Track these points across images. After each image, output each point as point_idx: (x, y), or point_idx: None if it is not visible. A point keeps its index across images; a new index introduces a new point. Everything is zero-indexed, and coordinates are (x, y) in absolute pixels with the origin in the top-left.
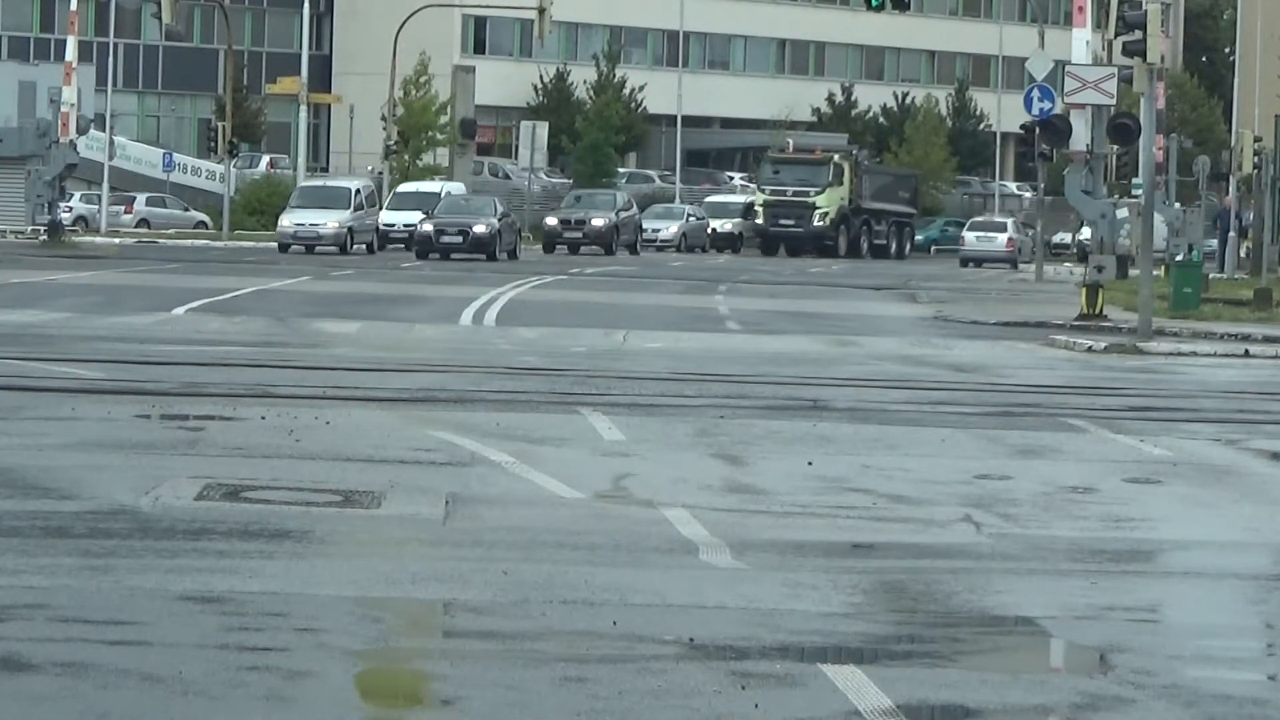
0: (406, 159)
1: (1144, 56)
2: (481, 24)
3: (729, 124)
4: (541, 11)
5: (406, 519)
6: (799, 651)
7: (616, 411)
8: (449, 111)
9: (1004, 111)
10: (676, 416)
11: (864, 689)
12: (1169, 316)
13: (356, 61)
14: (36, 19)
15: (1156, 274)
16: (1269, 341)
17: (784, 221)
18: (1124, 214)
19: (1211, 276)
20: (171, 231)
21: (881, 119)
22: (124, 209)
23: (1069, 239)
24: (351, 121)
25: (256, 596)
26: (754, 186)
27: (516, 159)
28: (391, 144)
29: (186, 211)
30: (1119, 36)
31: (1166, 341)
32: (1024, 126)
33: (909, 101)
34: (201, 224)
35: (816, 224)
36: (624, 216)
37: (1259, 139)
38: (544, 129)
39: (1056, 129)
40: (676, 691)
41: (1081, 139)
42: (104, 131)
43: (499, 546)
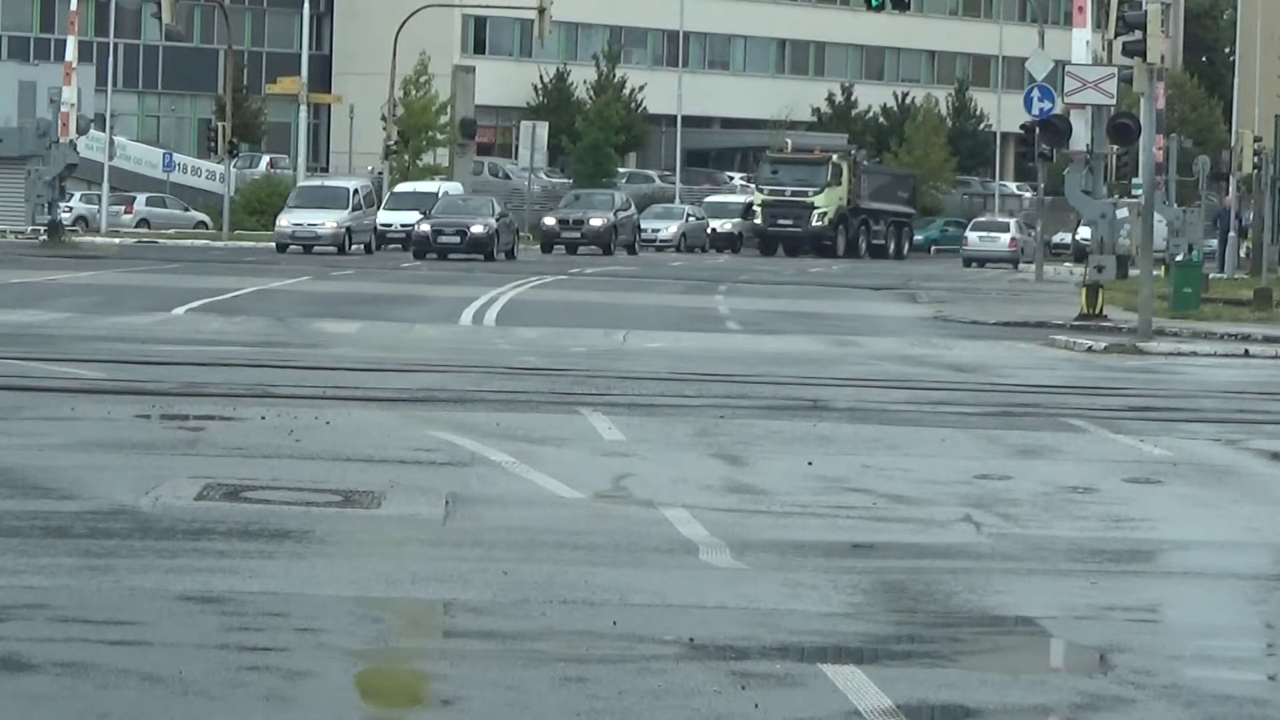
0: (406, 159)
1: (1144, 56)
2: (481, 24)
3: (729, 124)
4: (541, 11)
5: (406, 519)
6: (799, 651)
7: (616, 411)
8: (449, 111)
9: (1004, 111)
10: (676, 416)
11: (864, 689)
12: (1169, 316)
13: (356, 61)
14: (36, 19)
15: (1156, 274)
16: (1269, 341)
17: (782, 221)
18: (1124, 214)
19: (1211, 276)
20: (171, 231)
21: (881, 119)
22: (124, 209)
23: (1069, 239)
24: (351, 121)
25: (256, 596)
26: (753, 186)
27: (516, 159)
28: (391, 144)
29: (186, 211)
30: (1119, 36)
31: (1166, 341)
32: (1024, 126)
33: (909, 101)
34: (201, 224)
35: (815, 224)
36: (622, 216)
37: (1259, 139)
38: (544, 129)
39: (1056, 129)
40: (676, 691)
41: (1081, 139)
42: (104, 131)
43: (499, 546)
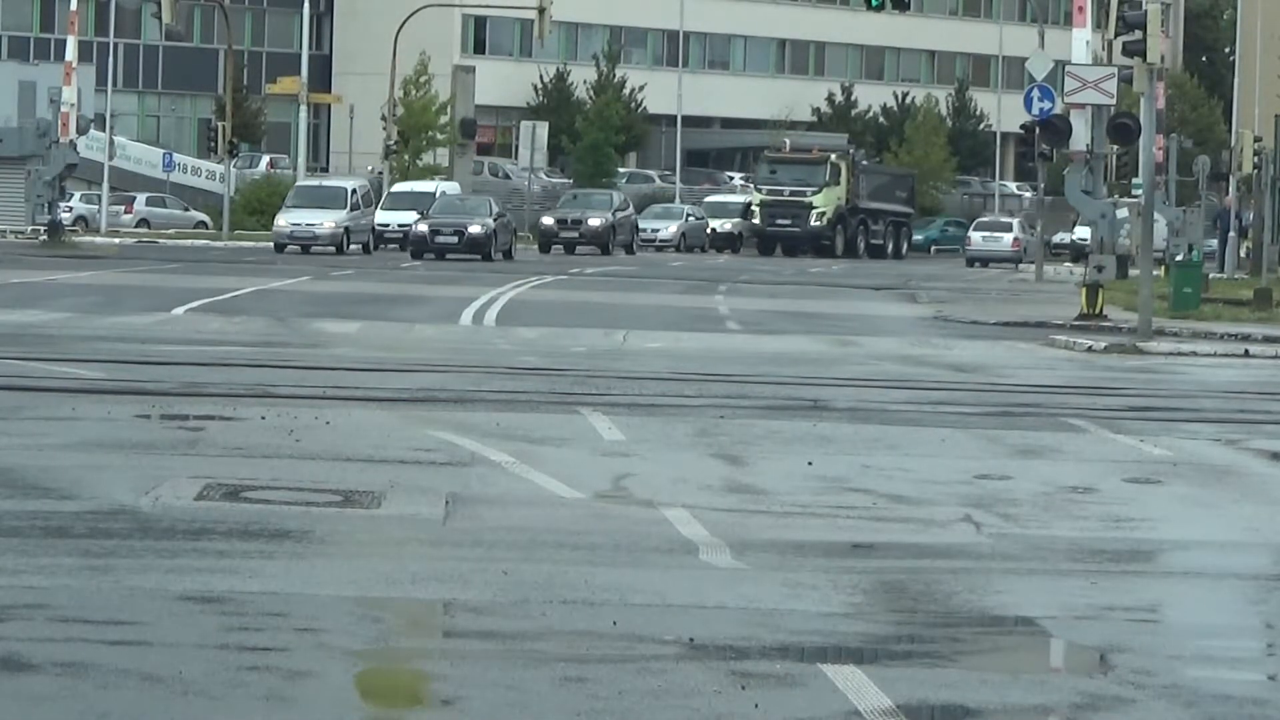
0: (406, 159)
1: (1144, 56)
2: (481, 24)
3: (729, 124)
4: (541, 11)
5: (406, 519)
6: (799, 651)
7: (616, 411)
8: (449, 111)
9: (1004, 111)
10: (676, 416)
11: (864, 689)
12: (1169, 316)
13: (356, 61)
14: (36, 19)
15: (1156, 274)
16: (1269, 341)
17: (781, 221)
18: (1124, 214)
19: (1211, 276)
20: (171, 231)
21: (881, 119)
22: (124, 209)
23: (1069, 239)
24: (351, 121)
25: (256, 596)
26: (752, 186)
27: (516, 159)
28: (391, 144)
29: (186, 211)
30: (1119, 36)
31: (1166, 341)
32: (1024, 126)
33: (909, 101)
34: (201, 224)
35: (813, 224)
36: (620, 216)
37: (1259, 139)
38: (544, 129)
39: (1056, 129)
40: (676, 691)
41: (1081, 139)
42: (104, 131)
43: (499, 546)
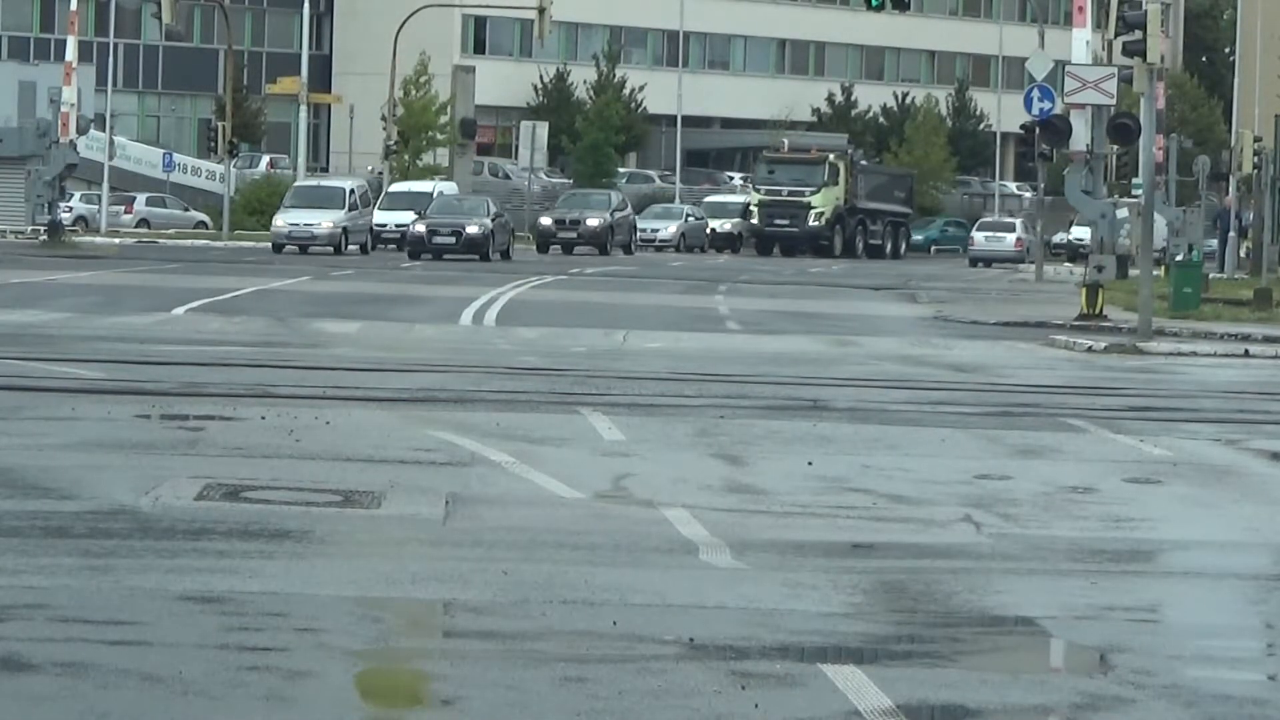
0: (406, 159)
1: (1144, 56)
2: (481, 24)
3: (729, 124)
4: (541, 11)
5: (406, 519)
6: (799, 651)
7: (616, 411)
8: (449, 111)
9: (1004, 111)
10: (676, 416)
11: (864, 689)
12: (1169, 316)
13: (356, 61)
14: (36, 19)
15: (1156, 274)
16: (1269, 341)
17: (779, 221)
18: (1124, 214)
19: (1211, 276)
20: (171, 231)
21: (881, 119)
22: (124, 209)
23: (1065, 239)
24: (351, 121)
25: (256, 596)
26: (750, 186)
27: (516, 159)
28: (391, 144)
29: (186, 211)
30: (1119, 36)
31: (1166, 341)
32: (1024, 126)
33: (909, 101)
34: (201, 224)
35: (812, 224)
36: (619, 216)
37: (1259, 139)
38: (544, 129)
39: (1056, 129)
40: (676, 691)
41: (1081, 139)
42: (104, 131)
43: (499, 546)
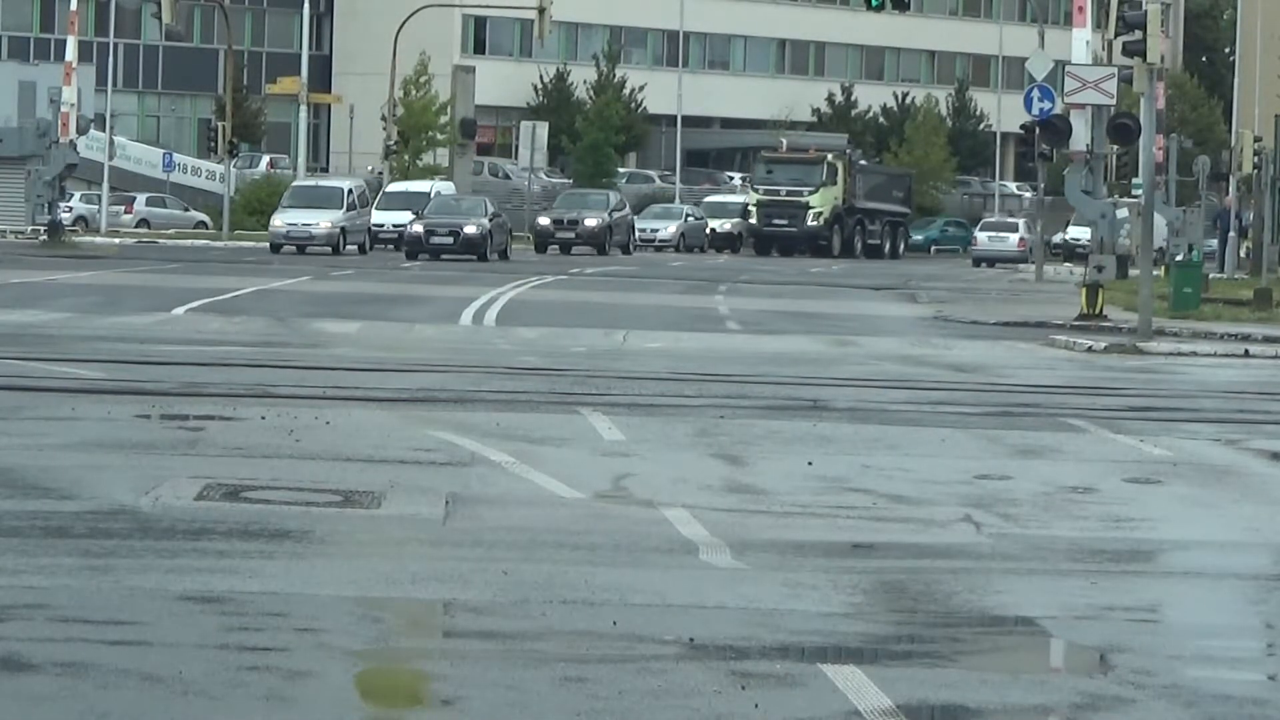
0: (406, 159)
1: (1144, 56)
2: (481, 24)
3: (729, 124)
4: (541, 11)
5: (406, 519)
6: (799, 651)
7: (616, 411)
8: (449, 111)
9: (1004, 111)
10: (676, 416)
11: (864, 689)
12: (1169, 316)
13: (356, 61)
14: (36, 19)
15: (1156, 274)
16: (1269, 341)
17: (777, 221)
18: (1124, 214)
19: (1211, 276)
20: (171, 231)
21: (881, 119)
22: (124, 209)
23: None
24: (351, 121)
25: (256, 596)
26: (748, 186)
27: (516, 159)
28: (391, 144)
29: (186, 211)
30: (1119, 36)
31: (1166, 341)
32: (1024, 126)
33: (909, 101)
34: (201, 224)
35: (810, 224)
36: (617, 216)
37: (1259, 139)
38: (544, 129)
39: (1056, 129)
40: (676, 691)
41: (1081, 139)
42: (104, 131)
43: (499, 546)
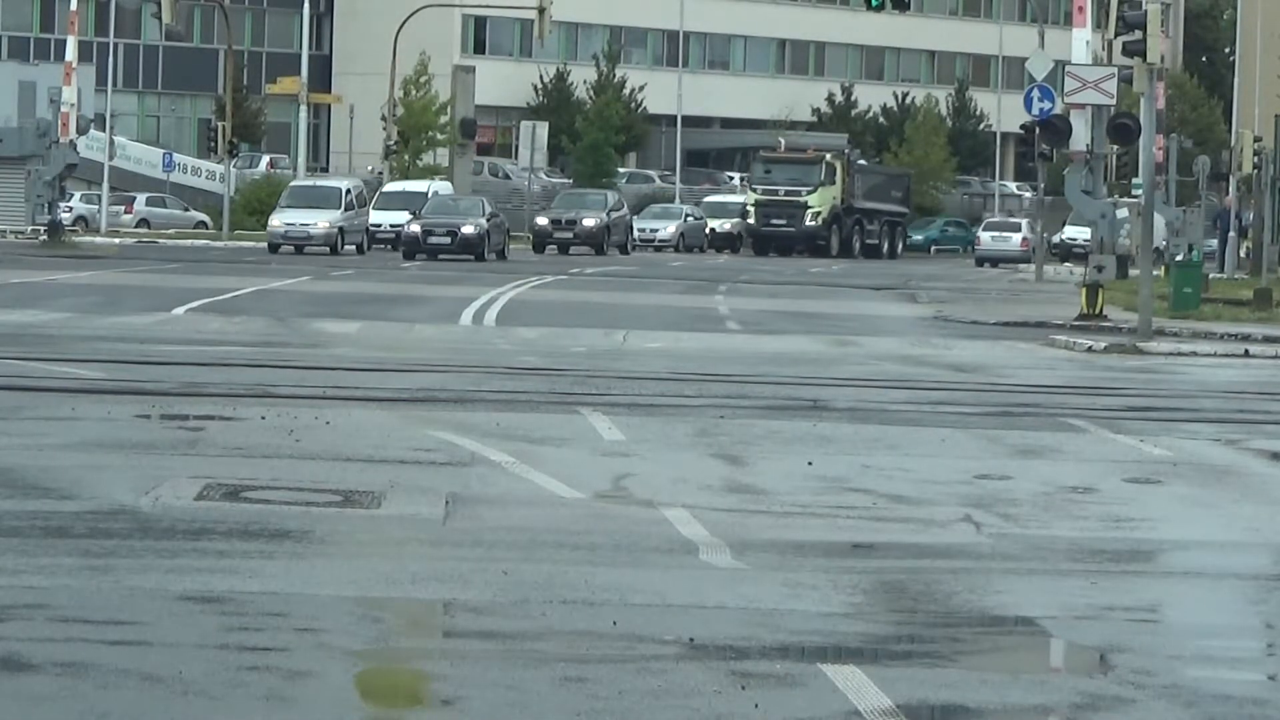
0: (406, 159)
1: (1144, 56)
2: (481, 24)
3: (729, 124)
4: (541, 11)
5: (406, 519)
6: (799, 651)
7: (616, 411)
8: (449, 111)
9: (1004, 111)
10: (676, 416)
11: (864, 689)
12: (1169, 316)
13: (356, 61)
14: (36, 19)
15: (1156, 274)
16: (1269, 341)
17: (776, 221)
18: (1124, 214)
19: (1211, 276)
20: (171, 231)
21: (881, 119)
22: (124, 209)
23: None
24: (351, 121)
25: (256, 596)
26: (746, 186)
27: (516, 159)
28: (391, 144)
29: (186, 211)
30: (1119, 36)
31: (1166, 341)
32: (1024, 126)
33: (909, 101)
34: (201, 224)
35: (808, 224)
36: (615, 216)
37: (1259, 139)
38: (544, 129)
39: (1056, 129)
40: (676, 691)
41: (1081, 139)
42: (104, 131)
43: (499, 546)
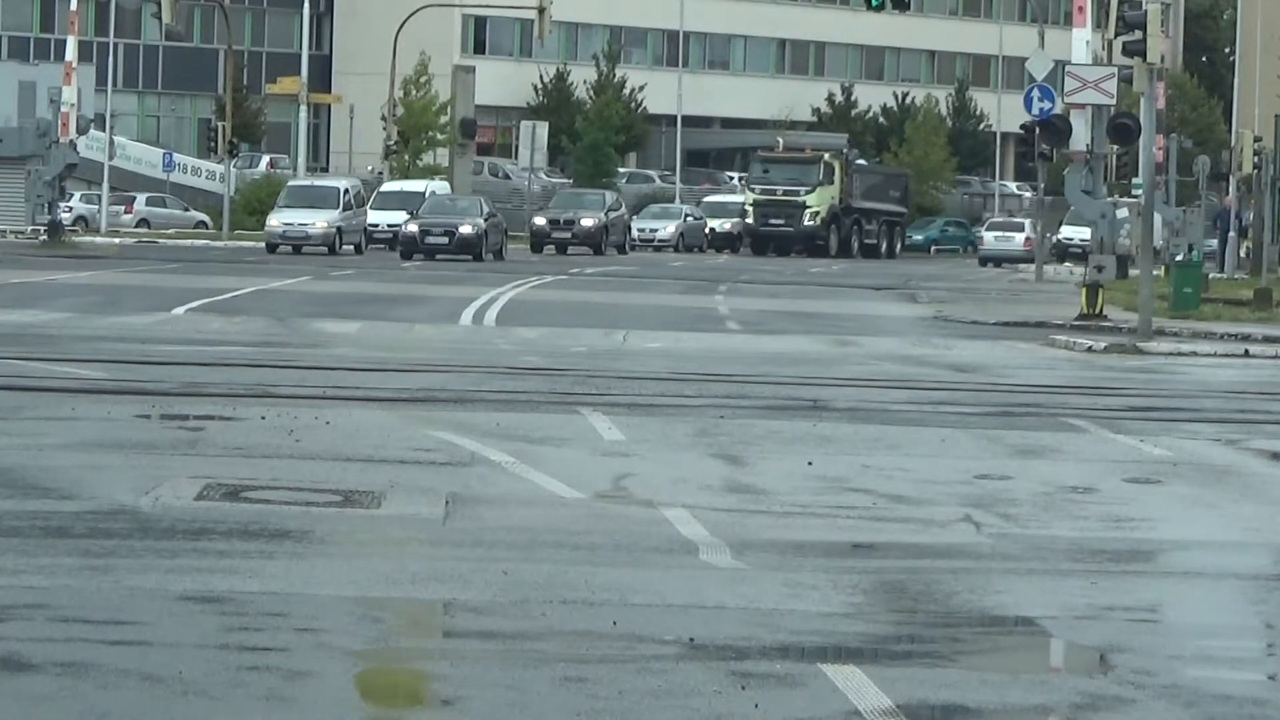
0: (406, 159)
1: (1144, 56)
2: (481, 24)
3: (729, 124)
4: (541, 11)
5: (406, 519)
6: (799, 651)
7: (616, 411)
8: (449, 111)
9: (1004, 111)
10: (676, 416)
11: (864, 689)
12: (1169, 316)
13: (356, 61)
14: (36, 19)
15: (1156, 274)
16: (1269, 341)
17: (774, 221)
18: (1124, 214)
19: (1211, 276)
20: (171, 231)
21: (881, 119)
22: (124, 209)
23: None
24: (351, 121)
25: (256, 596)
26: (745, 185)
27: (516, 159)
28: (391, 144)
29: (186, 211)
30: (1119, 36)
31: (1166, 341)
32: (1024, 126)
33: (909, 101)
34: (201, 224)
35: (807, 223)
36: (613, 216)
37: (1259, 139)
38: (544, 129)
39: (1056, 129)
40: (676, 691)
41: (1081, 139)
42: (104, 131)
43: (499, 546)
